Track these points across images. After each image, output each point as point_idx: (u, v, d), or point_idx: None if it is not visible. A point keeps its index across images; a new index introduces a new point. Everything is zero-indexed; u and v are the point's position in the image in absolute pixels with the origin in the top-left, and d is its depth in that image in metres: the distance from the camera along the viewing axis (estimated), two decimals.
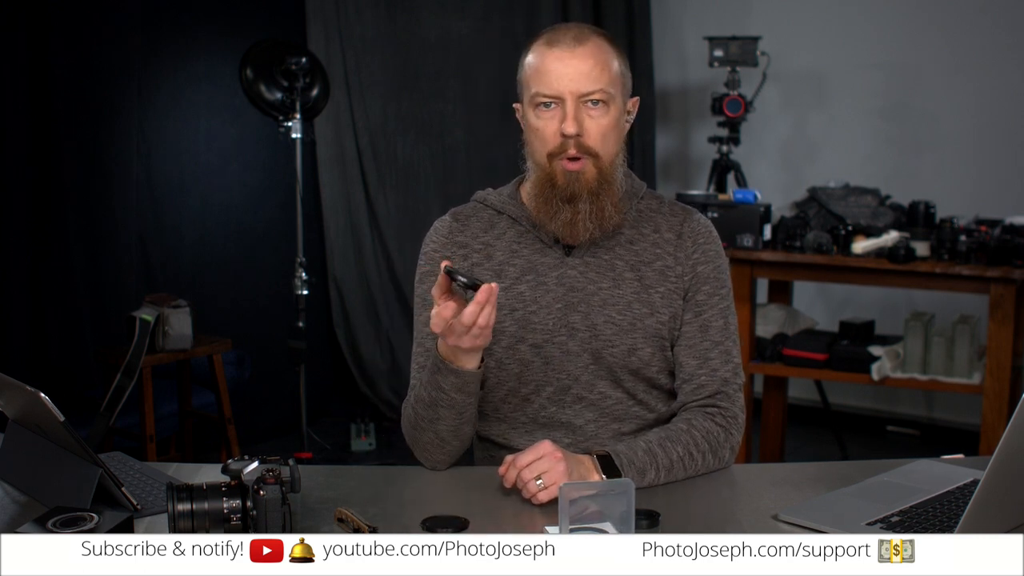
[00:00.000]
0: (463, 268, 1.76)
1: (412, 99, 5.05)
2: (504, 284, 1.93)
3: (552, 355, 1.92)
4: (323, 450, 4.50)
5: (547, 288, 1.93)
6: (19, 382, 1.67)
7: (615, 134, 1.89)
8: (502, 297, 1.92)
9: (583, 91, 1.83)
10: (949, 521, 1.63)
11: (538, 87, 1.85)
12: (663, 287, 1.93)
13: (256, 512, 1.52)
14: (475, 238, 1.97)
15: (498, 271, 1.94)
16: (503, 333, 1.92)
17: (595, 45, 1.86)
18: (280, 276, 4.62)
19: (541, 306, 1.92)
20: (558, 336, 1.92)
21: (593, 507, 1.55)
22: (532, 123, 1.88)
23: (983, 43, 4.67)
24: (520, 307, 1.93)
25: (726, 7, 5.20)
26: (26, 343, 4.10)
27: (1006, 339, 3.61)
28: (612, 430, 1.94)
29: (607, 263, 1.93)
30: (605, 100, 1.85)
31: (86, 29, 4.18)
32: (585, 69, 1.83)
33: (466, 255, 1.96)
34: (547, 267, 1.93)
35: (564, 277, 1.93)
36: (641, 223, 1.97)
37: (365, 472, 2.00)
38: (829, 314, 4.71)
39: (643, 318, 1.92)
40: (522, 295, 1.93)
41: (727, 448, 1.90)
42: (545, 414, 1.94)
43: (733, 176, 4.85)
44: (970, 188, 4.63)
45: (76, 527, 1.44)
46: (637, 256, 1.94)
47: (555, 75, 1.84)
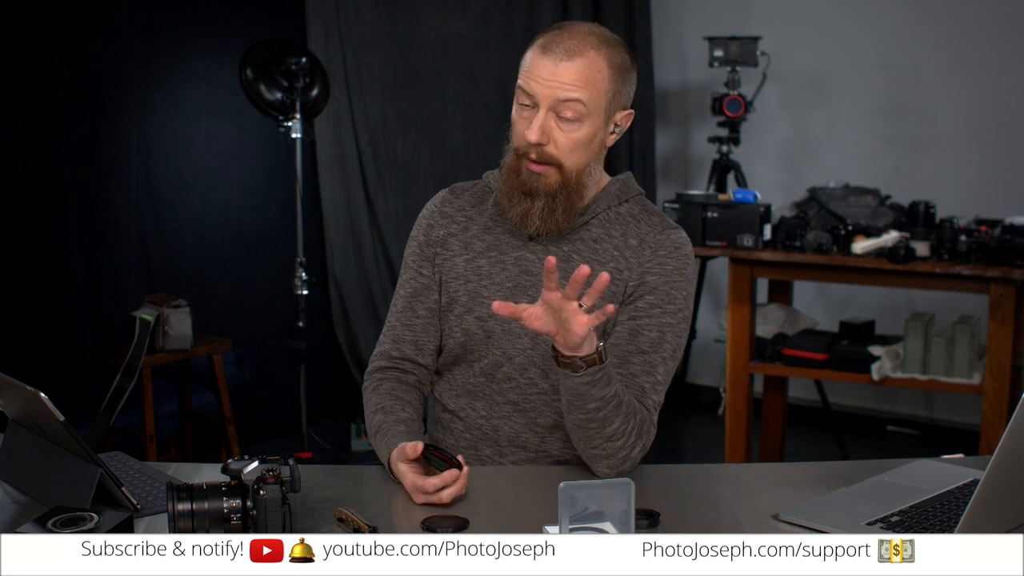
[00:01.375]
0: (440, 451, 1.79)
1: (412, 99, 5.05)
2: (468, 256, 2.00)
3: (493, 330, 1.97)
4: (323, 450, 4.50)
5: (504, 266, 1.98)
6: (19, 382, 1.67)
7: (585, 148, 1.89)
8: (462, 267, 2.00)
9: (559, 98, 1.85)
10: (949, 521, 1.63)
11: (521, 81, 1.90)
12: (610, 290, 1.90)
13: (256, 512, 1.52)
14: (460, 211, 2.05)
15: (467, 243, 2.02)
16: (456, 302, 2.00)
17: (588, 61, 1.86)
18: (280, 276, 4.62)
19: (494, 282, 1.97)
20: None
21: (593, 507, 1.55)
22: (513, 114, 1.93)
23: (983, 43, 4.67)
24: (475, 279, 1.99)
25: (726, 7, 5.20)
26: (26, 343, 4.10)
27: (1006, 339, 3.61)
28: (528, 419, 1.97)
29: (565, 254, 1.95)
30: (579, 115, 1.86)
31: (86, 29, 4.18)
32: (567, 80, 1.85)
33: (446, 224, 2.04)
34: (510, 247, 1.98)
35: (522, 259, 1.97)
36: (613, 226, 1.97)
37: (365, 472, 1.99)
38: (829, 314, 4.71)
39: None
40: (480, 268, 1.99)
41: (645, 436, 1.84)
42: (473, 383, 2.00)
43: (733, 176, 4.85)
44: (970, 188, 4.63)
45: (76, 527, 1.44)
46: (596, 255, 1.95)
47: (535, 77, 1.86)
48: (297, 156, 4.35)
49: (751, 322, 3.98)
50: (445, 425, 2.06)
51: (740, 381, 3.98)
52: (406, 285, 2.05)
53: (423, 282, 2.03)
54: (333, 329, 5.07)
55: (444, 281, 2.02)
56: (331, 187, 4.99)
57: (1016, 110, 4.62)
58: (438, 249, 2.03)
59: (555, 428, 1.97)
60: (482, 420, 2.00)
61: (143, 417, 3.80)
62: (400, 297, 2.06)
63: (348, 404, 4.96)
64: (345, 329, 5.06)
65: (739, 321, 3.94)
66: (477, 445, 2.00)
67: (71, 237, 4.19)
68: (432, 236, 2.04)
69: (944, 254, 3.67)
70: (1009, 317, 3.59)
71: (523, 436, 1.98)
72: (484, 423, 2.00)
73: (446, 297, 2.01)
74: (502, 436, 1.98)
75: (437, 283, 2.02)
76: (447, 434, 2.05)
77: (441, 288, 2.02)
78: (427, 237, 2.05)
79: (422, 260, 2.04)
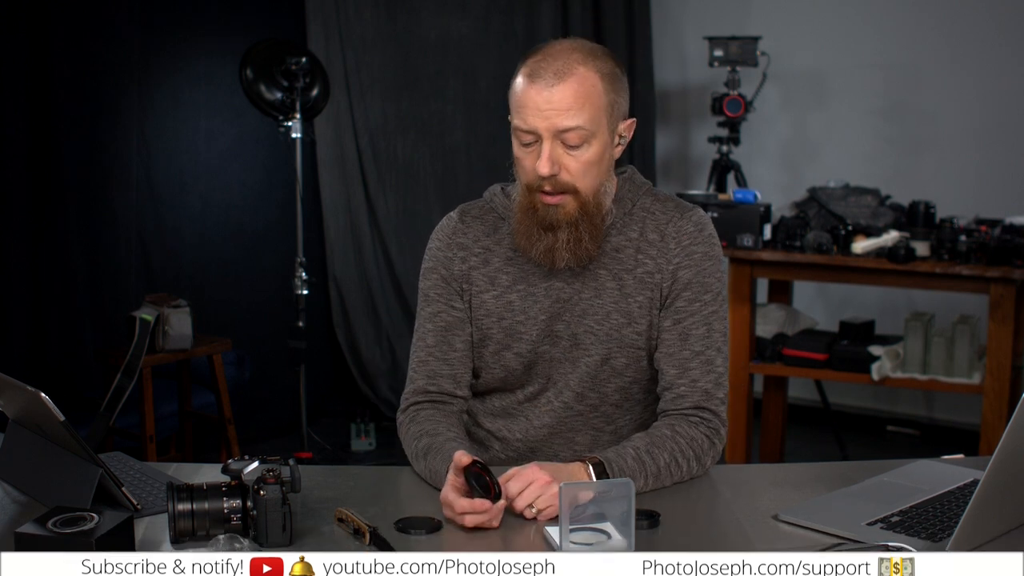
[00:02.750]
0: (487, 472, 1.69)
1: (412, 99, 5.05)
2: (496, 292, 1.95)
3: (534, 362, 1.96)
4: (323, 450, 4.50)
5: (535, 299, 1.94)
6: (19, 382, 1.67)
7: (597, 167, 1.85)
8: (492, 303, 1.95)
9: (559, 128, 1.80)
10: (949, 521, 1.63)
11: (517, 120, 1.83)
12: (642, 296, 1.92)
13: (256, 512, 1.52)
14: (476, 241, 1.98)
15: (492, 277, 1.96)
16: (491, 339, 1.96)
17: (579, 79, 1.80)
18: (280, 276, 4.62)
19: (528, 316, 1.94)
20: (541, 346, 1.95)
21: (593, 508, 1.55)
22: (515, 151, 1.87)
23: (983, 43, 4.67)
24: (508, 316, 1.95)
25: (726, 7, 5.20)
26: (26, 343, 4.10)
27: (1006, 339, 3.61)
28: (566, 439, 1.99)
29: (591, 272, 1.93)
30: (584, 138, 1.81)
31: (86, 29, 4.18)
32: (564, 106, 1.79)
33: (465, 257, 1.97)
34: (538, 278, 1.94)
35: (552, 288, 1.94)
36: (629, 227, 1.95)
37: (365, 472, 2.00)
38: (829, 314, 4.71)
39: (620, 328, 1.93)
40: (511, 304, 1.95)
41: (710, 456, 1.89)
42: (514, 408, 2.00)
43: (733, 176, 4.85)
44: (970, 188, 4.63)
45: (76, 527, 1.44)
46: (620, 264, 1.94)
47: (531, 110, 1.80)
48: (297, 156, 4.35)
49: (751, 322, 3.98)
50: (481, 442, 2.05)
51: (740, 381, 3.98)
52: (435, 319, 1.97)
53: (457, 315, 1.97)
54: (333, 329, 5.07)
55: (475, 318, 1.97)
56: (331, 187, 4.99)
57: (1016, 110, 4.62)
58: (464, 286, 1.97)
59: (592, 446, 1.98)
60: (518, 443, 2.00)
61: (143, 417, 3.80)
62: (429, 332, 1.97)
63: (348, 404, 4.97)
64: (345, 329, 5.06)
65: (739, 321, 3.95)
66: (518, 462, 1.95)
67: (71, 237, 4.19)
68: (454, 270, 1.97)
69: (944, 254, 3.67)
70: (1009, 317, 3.59)
71: (562, 455, 1.98)
72: (521, 445, 2.00)
73: (478, 334, 1.97)
74: (540, 456, 1.98)
75: (469, 317, 1.97)
76: (484, 451, 2.03)
77: (472, 324, 1.98)
78: (449, 271, 1.97)
79: (451, 294, 1.97)
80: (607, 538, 1.55)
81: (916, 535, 1.58)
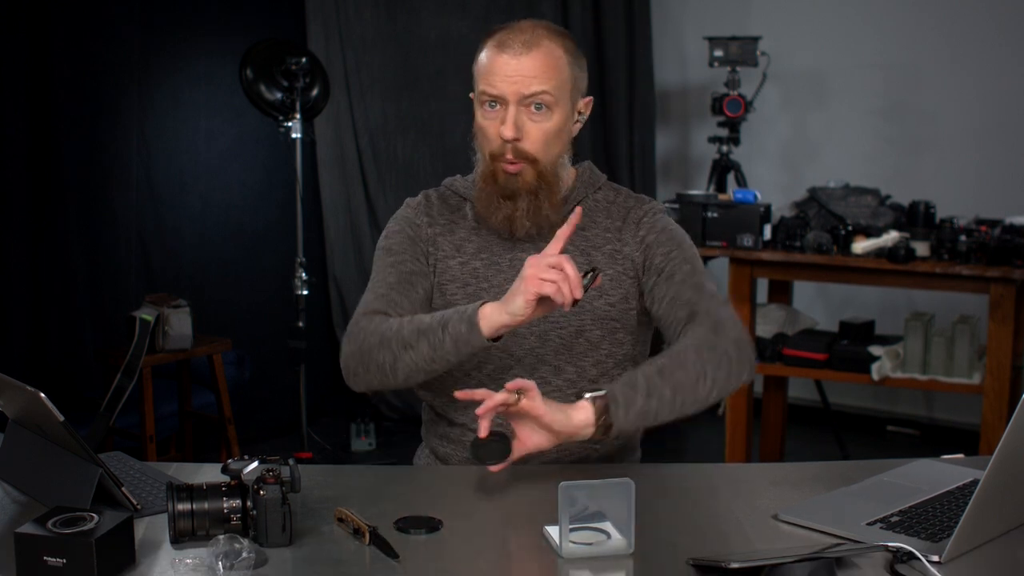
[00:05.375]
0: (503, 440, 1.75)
1: (412, 99, 5.05)
2: (462, 259, 1.98)
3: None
4: (323, 450, 4.50)
5: (499, 269, 1.97)
6: (19, 382, 1.67)
7: (558, 138, 1.93)
8: (457, 269, 1.98)
9: (525, 93, 1.87)
10: (949, 521, 1.63)
11: (484, 85, 1.91)
12: (612, 269, 1.96)
13: (256, 512, 1.52)
14: (441, 215, 2.04)
15: (458, 245, 2.00)
16: (454, 307, 1.92)
17: (546, 50, 1.89)
18: (280, 276, 4.62)
19: (492, 284, 1.96)
20: None
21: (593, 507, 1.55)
22: (478, 120, 1.95)
23: (983, 43, 4.67)
24: (472, 282, 1.97)
25: (726, 7, 5.20)
26: (26, 343, 4.10)
27: (1006, 339, 3.61)
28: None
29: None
30: (548, 104, 1.89)
31: (86, 29, 4.18)
32: (530, 73, 1.87)
33: (431, 223, 2.02)
34: (502, 249, 1.98)
35: (516, 261, 1.95)
36: (595, 213, 2.01)
37: (365, 472, 2.00)
38: (829, 314, 4.71)
39: (591, 300, 1.94)
40: (476, 271, 1.98)
41: (729, 341, 1.84)
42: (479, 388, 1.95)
43: (733, 176, 4.85)
44: (970, 188, 4.63)
45: (76, 527, 1.44)
46: (587, 241, 1.98)
47: (500, 76, 1.88)
48: (297, 156, 4.35)
49: (751, 322, 3.98)
50: (454, 440, 2.00)
51: None
52: (399, 266, 1.97)
53: (419, 267, 1.97)
54: (333, 329, 5.07)
55: (439, 283, 1.98)
56: (331, 187, 4.99)
57: (1016, 110, 4.62)
58: (430, 248, 2.00)
59: None
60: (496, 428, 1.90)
61: (143, 417, 3.80)
62: (391, 273, 1.96)
63: (348, 404, 4.96)
64: (345, 329, 5.06)
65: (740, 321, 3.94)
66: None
67: (71, 237, 4.19)
68: (421, 233, 2.00)
69: (944, 254, 3.67)
70: (1009, 317, 3.59)
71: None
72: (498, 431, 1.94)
73: (441, 300, 1.97)
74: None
75: (433, 283, 1.98)
76: (458, 448, 1.99)
77: (434, 289, 1.99)
78: (416, 232, 2.00)
79: (417, 252, 1.99)
80: (607, 538, 1.55)
81: (916, 535, 1.58)
